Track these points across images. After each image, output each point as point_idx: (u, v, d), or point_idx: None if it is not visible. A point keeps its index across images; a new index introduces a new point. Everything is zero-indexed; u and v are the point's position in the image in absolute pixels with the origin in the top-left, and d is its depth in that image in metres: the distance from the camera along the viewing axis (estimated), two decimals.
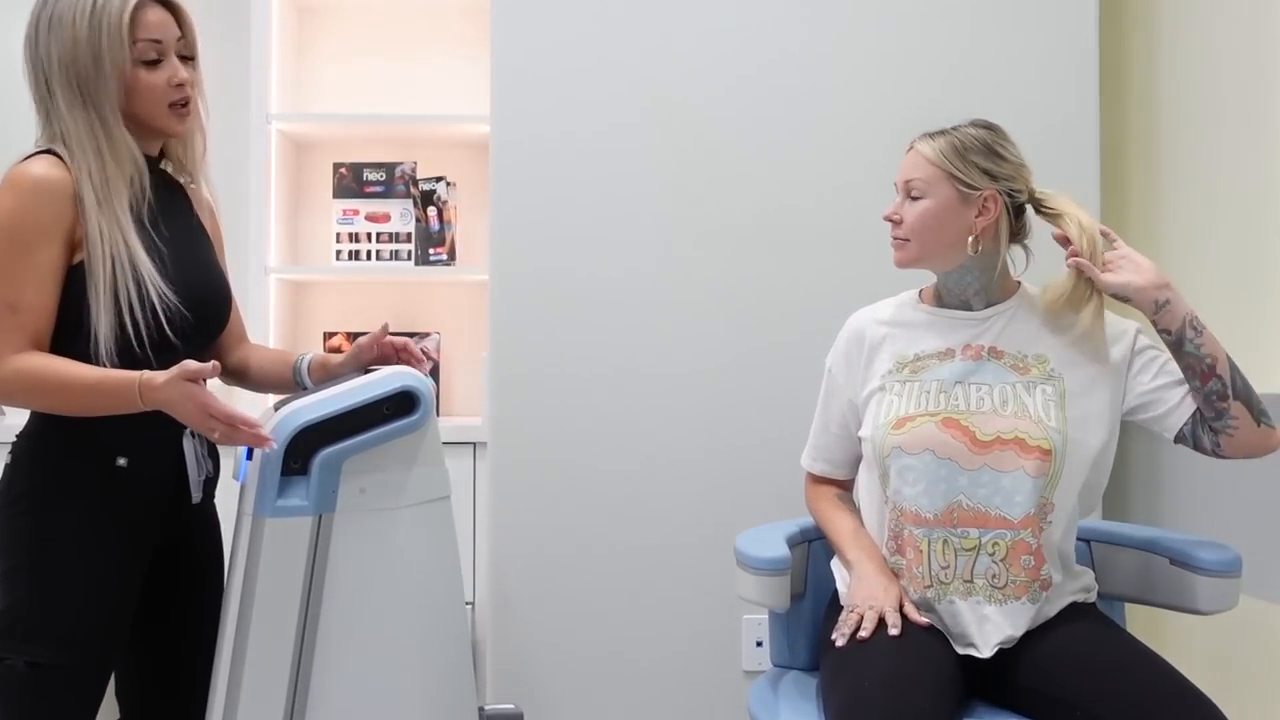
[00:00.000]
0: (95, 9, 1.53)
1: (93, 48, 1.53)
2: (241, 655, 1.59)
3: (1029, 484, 1.60)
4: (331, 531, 1.61)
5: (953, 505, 1.62)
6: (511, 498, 2.25)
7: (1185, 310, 1.60)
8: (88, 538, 1.56)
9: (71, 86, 1.54)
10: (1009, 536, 1.60)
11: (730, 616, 2.25)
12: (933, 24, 2.28)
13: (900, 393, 1.69)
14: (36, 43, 1.56)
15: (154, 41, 1.57)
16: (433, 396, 1.71)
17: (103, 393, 1.51)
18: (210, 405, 1.49)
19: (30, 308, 1.51)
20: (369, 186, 2.75)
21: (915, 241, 1.70)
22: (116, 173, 1.55)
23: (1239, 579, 1.67)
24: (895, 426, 1.66)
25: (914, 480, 1.63)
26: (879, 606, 1.58)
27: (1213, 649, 2.02)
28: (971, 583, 1.61)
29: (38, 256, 1.51)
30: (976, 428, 1.63)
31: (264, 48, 2.61)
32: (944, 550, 1.62)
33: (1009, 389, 1.65)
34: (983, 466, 1.61)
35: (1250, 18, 2.00)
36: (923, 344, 1.73)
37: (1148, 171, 2.31)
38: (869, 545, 1.71)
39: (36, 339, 1.52)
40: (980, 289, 1.72)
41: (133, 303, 1.53)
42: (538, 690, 2.24)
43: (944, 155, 1.68)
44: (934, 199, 1.68)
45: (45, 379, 1.50)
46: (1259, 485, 1.90)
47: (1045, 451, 1.60)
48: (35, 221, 1.51)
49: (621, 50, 2.26)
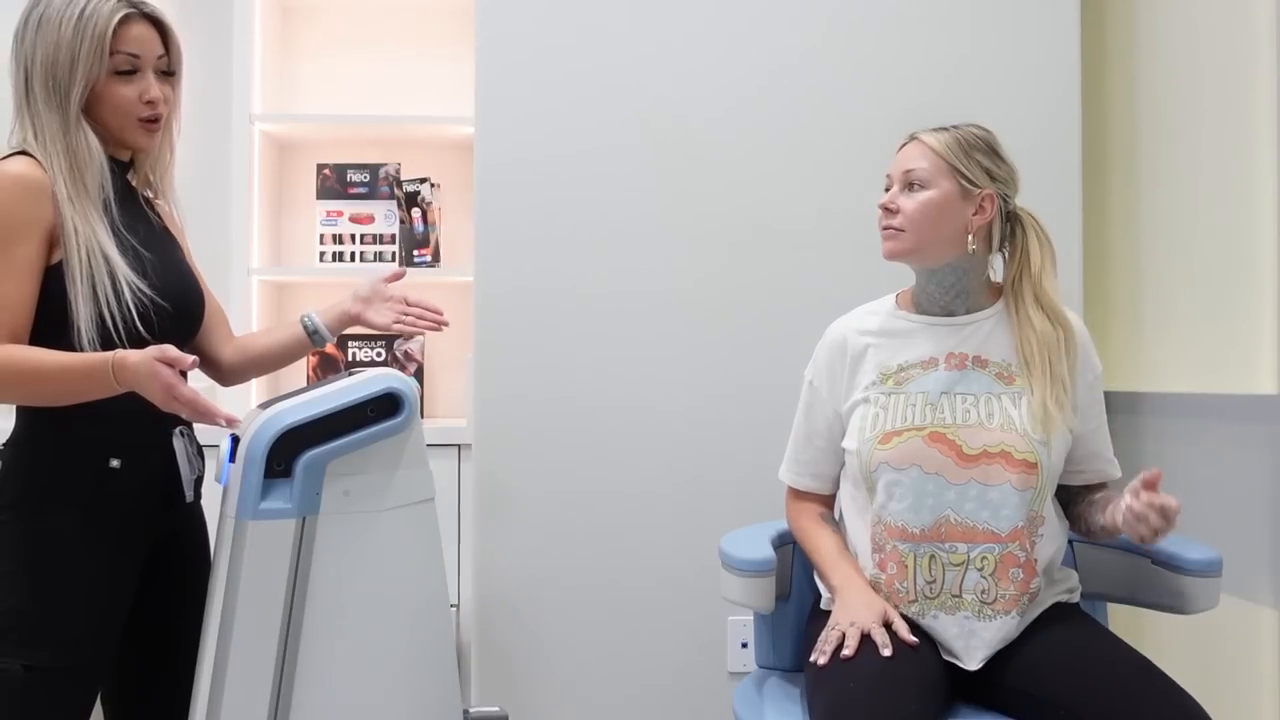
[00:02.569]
0: (82, 15, 1.55)
1: (71, 51, 1.55)
2: (224, 659, 1.58)
3: (1016, 497, 1.60)
4: (315, 534, 1.61)
5: (940, 520, 1.61)
6: (496, 500, 2.25)
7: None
8: (82, 541, 1.56)
9: (48, 86, 1.56)
10: (997, 550, 1.59)
11: (715, 618, 2.25)
12: (916, 30, 2.28)
13: (885, 405, 1.67)
14: (23, 40, 1.58)
15: (132, 55, 1.59)
16: (417, 398, 1.71)
17: (76, 374, 1.51)
18: (175, 388, 1.49)
19: (8, 304, 1.51)
20: (352, 188, 2.74)
21: (911, 232, 1.66)
22: (81, 173, 1.56)
23: (1220, 579, 1.68)
24: (882, 441, 1.64)
25: (901, 495, 1.62)
26: (861, 624, 1.55)
27: (1193, 647, 2.04)
28: (960, 598, 1.60)
29: (15, 252, 1.51)
30: (963, 441, 1.61)
31: (247, 47, 2.60)
32: (930, 565, 1.61)
33: (994, 400, 1.64)
34: (970, 480, 1.60)
35: (1229, 23, 2.01)
36: (906, 353, 1.70)
37: (1128, 175, 2.33)
38: (852, 566, 1.67)
39: (13, 334, 1.52)
40: (962, 291, 1.70)
41: (109, 297, 1.54)
42: (523, 692, 2.24)
43: (949, 148, 1.66)
44: (936, 190, 1.65)
45: (18, 367, 1.50)
46: (1237, 485, 1.91)
47: (1030, 465, 1.60)
48: (13, 218, 1.52)
49: (607, 52, 2.26)
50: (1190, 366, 2.11)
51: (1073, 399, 1.66)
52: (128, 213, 1.64)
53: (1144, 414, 2.17)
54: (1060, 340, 1.65)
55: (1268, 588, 1.85)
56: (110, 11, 1.56)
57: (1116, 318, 2.36)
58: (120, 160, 1.66)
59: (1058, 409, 1.62)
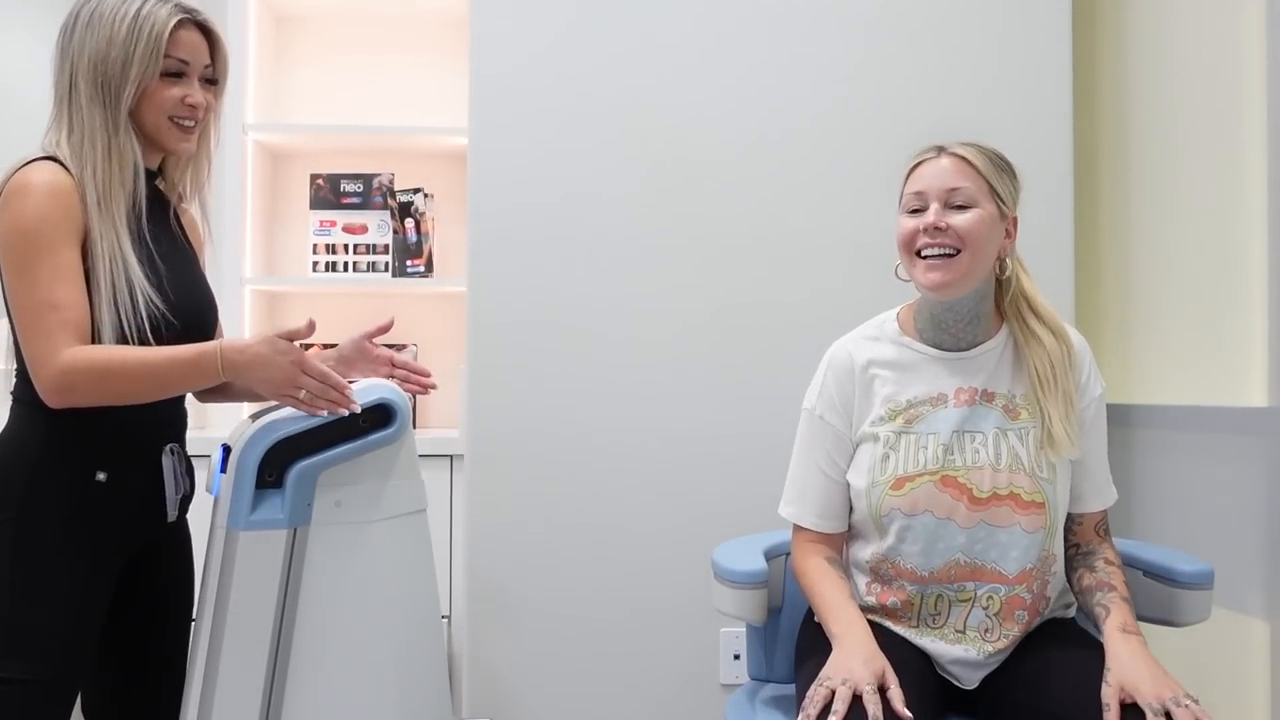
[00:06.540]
0: (139, 16, 1.57)
1: (125, 51, 1.56)
2: (214, 670, 1.57)
3: (1025, 540, 1.57)
4: (306, 545, 1.60)
5: (950, 563, 1.58)
6: (488, 511, 2.24)
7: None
8: (62, 552, 1.55)
9: (95, 83, 1.57)
10: (1003, 592, 1.58)
11: (707, 630, 2.24)
12: (908, 43, 2.29)
13: (895, 446, 1.61)
14: (72, 35, 1.59)
15: (182, 60, 1.61)
16: (409, 409, 1.71)
17: (182, 366, 1.52)
18: (306, 361, 1.54)
19: (69, 304, 1.50)
20: (346, 198, 2.74)
21: (968, 252, 1.55)
22: (117, 176, 1.57)
23: (1211, 591, 1.68)
24: (894, 487, 1.59)
25: (913, 539, 1.59)
26: (854, 683, 1.42)
27: (1184, 659, 2.03)
28: (963, 633, 1.59)
29: (62, 256, 1.51)
30: (973, 484, 1.58)
31: (241, 57, 2.60)
32: (937, 603, 1.60)
33: (1002, 439, 1.59)
34: (980, 523, 1.58)
35: (1219, 37, 2.02)
36: (914, 388, 1.63)
37: (1120, 187, 2.34)
38: (857, 615, 1.57)
39: (81, 333, 1.51)
40: (975, 318, 1.63)
41: (126, 304, 1.54)
42: (514, 704, 2.23)
43: (987, 168, 1.58)
44: (985, 210, 1.57)
45: (114, 366, 1.50)
46: (1228, 498, 1.91)
47: (1039, 505, 1.57)
48: (54, 223, 1.51)
49: (601, 62, 2.27)
50: (1181, 379, 2.12)
51: (1077, 416, 1.62)
52: (154, 221, 1.64)
53: (1135, 426, 2.18)
54: (1064, 355, 1.62)
55: (1259, 600, 1.85)
56: (167, 15, 1.58)
57: (1108, 330, 2.36)
58: (149, 169, 1.65)
59: (1068, 430, 1.58)
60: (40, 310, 1.49)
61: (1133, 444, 2.19)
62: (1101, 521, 1.69)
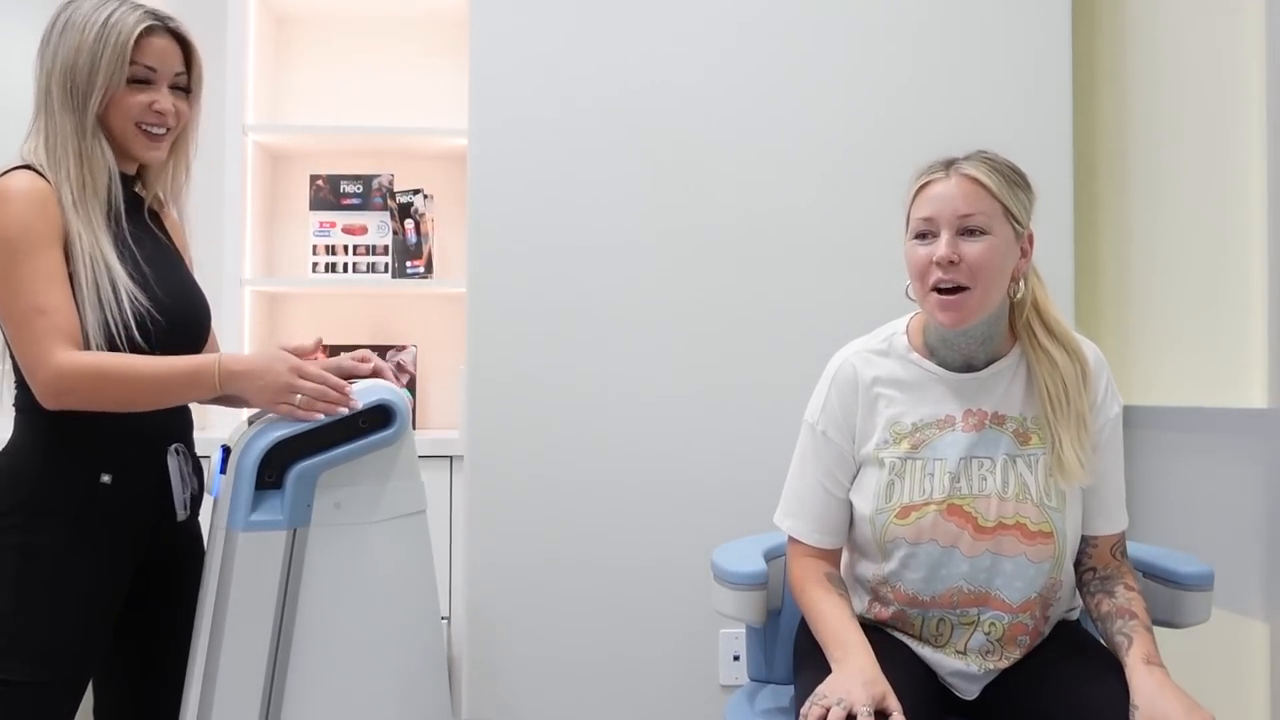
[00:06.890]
0: (107, 23, 1.57)
1: (93, 57, 1.56)
2: (214, 670, 1.57)
3: (1030, 570, 1.54)
4: (306, 546, 1.60)
5: (952, 590, 1.56)
6: (488, 512, 2.24)
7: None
8: (70, 555, 1.55)
9: (66, 90, 1.57)
10: (1006, 619, 1.56)
11: (707, 631, 2.24)
12: (908, 48, 2.29)
13: (901, 473, 1.56)
14: (49, 42, 1.60)
15: (149, 67, 1.60)
16: (409, 410, 1.70)
17: (178, 379, 1.54)
18: (303, 366, 1.55)
19: (56, 308, 1.50)
20: (346, 198, 2.74)
21: (980, 288, 1.48)
22: (90, 181, 1.57)
23: (1212, 592, 1.68)
24: (899, 516, 1.55)
25: (916, 567, 1.57)
26: (851, 703, 1.37)
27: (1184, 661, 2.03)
28: (965, 654, 1.58)
29: (45, 261, 1.51)
30: (979, 513, 1.54)
31: (241, 58, 2.60)
32: (939, 625, 1.59)
33: (1010, 466, 1.55)
34: (984, 552, 1.54)
35: (1219, 41, 2.02)
36: (921, 409, 1.58)
37: (1120, 189, 2.34)
38: (859, 634, 1.51)
39: (71, 337, 1.51)
40: (988, 339, 1.56)
41: (111, 304, 1.54)
42: (514, 706, 2.23)
43: (1000, 187, 1.49)
44: (999, 237, 1.49)
45: (112, 373, 1.51)
46: (1228, 499, 1.91)
47: (1047, 535, 1.54)
48: (35, 229, 1.52)
49: (600, 64, 2.27)
50: (1181, 380, 2.12)
51: (1091, 438, 1.56)
52: (135, 224, 1.64)
53: (1135, 428, 2.18)
54: (1078, 374, 1.55)
55: (1259, 601, 1.85)
56: (135, 22, 1.58)
57: (1107, 331, 2.36)
58: (126, 174, 1.66)
59: (1079, 455, 1.53)
60: (28, 316, 1.49)
61: (1132, 445, 2.19)
62: (1118, 544, 1.64)
